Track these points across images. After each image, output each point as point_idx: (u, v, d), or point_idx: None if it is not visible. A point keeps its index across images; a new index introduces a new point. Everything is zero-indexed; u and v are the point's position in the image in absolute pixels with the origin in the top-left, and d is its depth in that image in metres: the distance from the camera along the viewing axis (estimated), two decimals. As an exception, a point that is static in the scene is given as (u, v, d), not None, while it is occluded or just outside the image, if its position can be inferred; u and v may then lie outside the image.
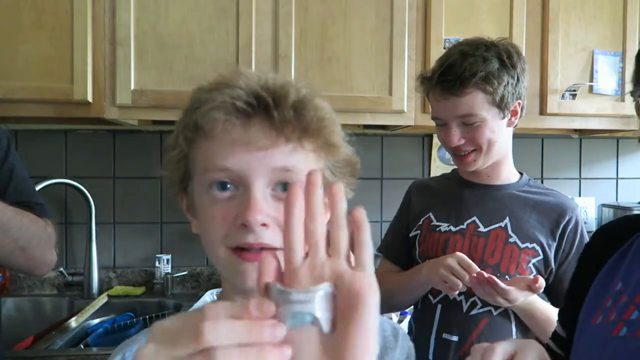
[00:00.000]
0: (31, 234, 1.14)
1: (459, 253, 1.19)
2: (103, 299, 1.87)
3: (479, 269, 1.14)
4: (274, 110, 0.60)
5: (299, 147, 0.62)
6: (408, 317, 1.83)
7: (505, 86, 1.19)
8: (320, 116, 0.63)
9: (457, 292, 1.18)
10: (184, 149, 0.66)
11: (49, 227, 1.21)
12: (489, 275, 1.13)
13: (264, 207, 0.60)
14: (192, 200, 0.67)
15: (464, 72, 1.16)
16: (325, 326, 0.41)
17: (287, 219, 0.42)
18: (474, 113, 1.19)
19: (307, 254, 0.43)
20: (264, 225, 0.60)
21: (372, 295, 0.41)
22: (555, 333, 0.92)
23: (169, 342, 0.39)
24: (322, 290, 0.41)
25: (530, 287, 1.13)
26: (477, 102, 1.18)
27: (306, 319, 0.40)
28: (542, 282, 1.13)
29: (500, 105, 1.20)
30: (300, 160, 0.62)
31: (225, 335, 0.38)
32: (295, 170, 0.62)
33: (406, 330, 1.46)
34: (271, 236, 0.60)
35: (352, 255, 0.43)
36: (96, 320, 1.81)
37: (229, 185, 0.62)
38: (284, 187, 0.62)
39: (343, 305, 0.41)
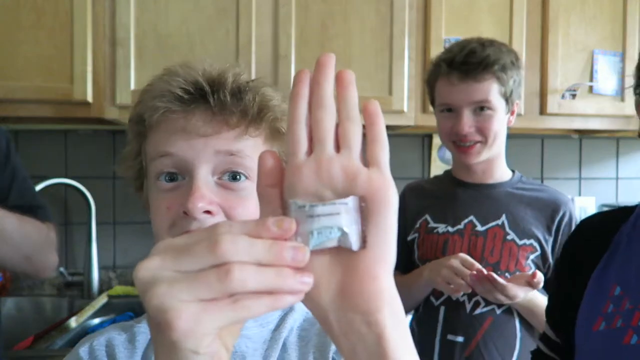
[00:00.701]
0: (34, 241, 1.14)
1: (461, 254, 1.19)
2: (103, 299, 1.87)
3: (482, 268, 1.15)
4: (211, 97, 0.59)
5: (243, 134, 0.60)
6: (408, 318, 1.83)
7: (513, 82, 1.23)
8: (261, 102, 0.61)
9: (462, 293, 1.19)
10: (135, 145, 0.65)
11: (51, 232, 1.21)
12: (488, 272, 1.13)
13: (207, 194, 0.57)
14: (147, 197, 0.65)
15: (486, 57, 1.19)
16: (355, 242, 0.36)
17: (292, 106, 0.37)
18: (489, 99, 1.21)
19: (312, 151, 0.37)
20: (207, 212, 0.57)
21: (393, 196, 0.36)
22: (545, 335, 0.91)
23: (177, 255, 0.34)
24: (349, 202, 0.35)
25: (530, 283, 1.14)
26: (493, 90, 1.21)
27: (333, 235, 0.35)
28: (540, 277, 1.14)
29: (508, 99, 1.23)
30: (248, 146, 0.60)
31: (243, 251, 0.33)
32: (241, 155, 0.59)
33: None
34: None
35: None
36: (96, 320, 1.81)
37: (175, 176, 0.60)
38: (232, 176, 0.59)
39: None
